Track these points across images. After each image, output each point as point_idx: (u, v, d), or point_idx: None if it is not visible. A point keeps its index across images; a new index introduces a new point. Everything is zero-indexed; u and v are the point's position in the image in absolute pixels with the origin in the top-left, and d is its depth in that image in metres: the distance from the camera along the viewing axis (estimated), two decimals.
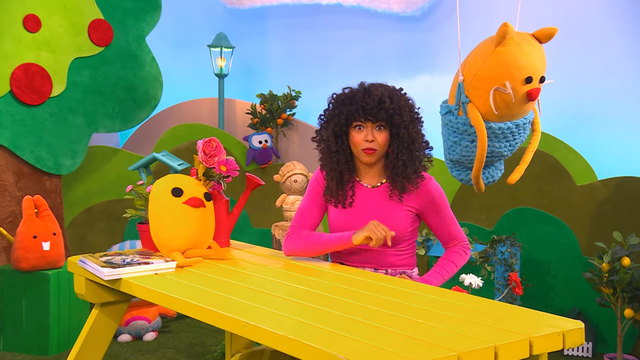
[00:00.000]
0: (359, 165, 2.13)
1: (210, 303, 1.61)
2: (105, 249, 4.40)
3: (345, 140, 2.09)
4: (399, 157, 2.04)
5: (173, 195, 2.13)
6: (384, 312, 1.53)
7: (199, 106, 5.27)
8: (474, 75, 2.07)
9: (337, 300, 1.64)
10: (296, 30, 5.24)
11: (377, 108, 2.02)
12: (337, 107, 2.08)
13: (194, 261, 2.06)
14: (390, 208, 2.08)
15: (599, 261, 3.23)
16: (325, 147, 2.11)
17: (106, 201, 4.63)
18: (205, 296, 1.69)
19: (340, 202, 2.12)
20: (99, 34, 4.24)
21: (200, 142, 2.22)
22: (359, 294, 1.70)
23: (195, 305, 1.61)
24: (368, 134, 2.04)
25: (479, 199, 3.92)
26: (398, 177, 2.05)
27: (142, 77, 4.48)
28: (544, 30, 2.07)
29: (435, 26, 4.61)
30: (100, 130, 4.36)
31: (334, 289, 1.74)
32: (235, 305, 1.60)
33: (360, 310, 1.55)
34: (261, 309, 1.56)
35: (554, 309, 3.71)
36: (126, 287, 1.89)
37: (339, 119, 2.06)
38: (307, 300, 1.63)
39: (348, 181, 2.11)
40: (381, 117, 2.02)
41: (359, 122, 2.04)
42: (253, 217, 4.73)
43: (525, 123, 2.18)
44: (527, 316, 1.51)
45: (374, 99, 2.02)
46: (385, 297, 1.67)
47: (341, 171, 2.09)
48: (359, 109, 2.02)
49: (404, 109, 2.04)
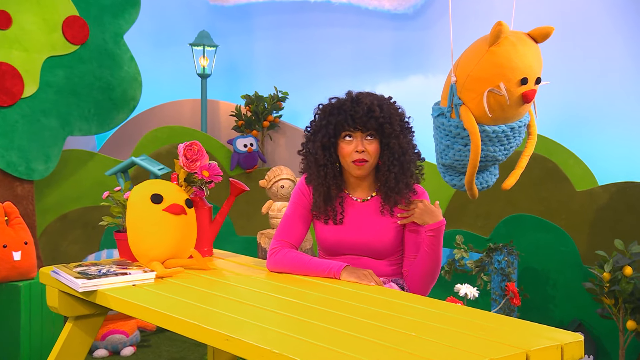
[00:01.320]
0: (348, 178, 2.14)
1: (191, 316, 1.60)
2: (80, 259, 4.37)
3: (333, 153, 2.09)
4: (391, 170, 2.05)
5: (152, 202, 2.13)
6: (374, 324, 1.53)
7: (181, 108, 5.26)
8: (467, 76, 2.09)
9: (325, 312, 1.64)
10: (283, 28, 5.25)
11: (367, 116, 2.03)
12: (324, 118, 2.08)
13: (175, 271, 2.06)
14: (381, 223, 2.10)
15: (600, 270, 3.26)
16: (312, 161, 2.10)
17: (81, 208, 4.60)
18: (186, 308, 1.69)
19: (330, 218, 2.12)
20: (74, 31, 4.22)
21: (182, 146, 2.22)
22: (347, 306, 1.70)
23: (175, 318, 1.61)
24: (358, 144, 2.05)
25: (474, 206, 3.94)
26: (391, 193, 2.06)
27: (120, 77, 4.46)
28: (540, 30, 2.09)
29: (429, 24, 4.64)
30: (76, 133, 4.34)
31: (321, 301, 1.75)
32: (217, 318, 1.60)
33: (349, 322, 1.55)
34: (245, 321, 1.56)
35: (553, 320, 3.73)
36: (102, 299, 1.88)
37: (327, 130, 2.06)
38: (294, 312, 1.63)
39: (336, 196, 2.12)
40: (371, 126, 2.03)
41: (348, 132, 2.05)
42: (237, 225, 4.72)
43: (521, 126, 2.20)
44: (525, 328, 1.53)
45: (363, 107, 2.03)
46: (375, 309, 1.67)
47: (329, 186, 2.09)
48: (347, 118, 2.03)
49: (394, 117, 2.06)
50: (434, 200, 2.14)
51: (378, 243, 2.09)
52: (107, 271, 1.98)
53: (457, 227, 3.98)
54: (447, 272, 3.68)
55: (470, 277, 3.66)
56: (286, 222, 2.15)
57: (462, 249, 3.65)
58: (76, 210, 4.61)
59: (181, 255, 2.16)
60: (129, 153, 4.93)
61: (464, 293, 3.02)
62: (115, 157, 4.89)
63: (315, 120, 2.12)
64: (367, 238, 2.09)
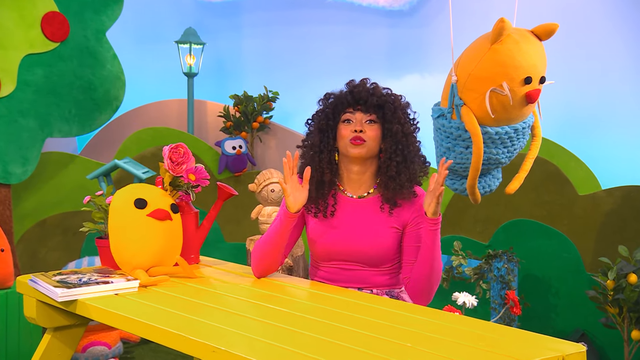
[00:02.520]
0: (344, 172, 2.11)
1: (176, 326, 1.60)
2: (59, 267, 4.35)
3: (331, 139, 2.09)
4: (392, 158, 2.03)
5: (136, 207, 2.12)
6: (368, 334, 1.53)
7: (166, 108, 5.25)
8: (469, 76, 2.09)
9: (317, 322, 1.64)
10: (273, 25, 5.25)
11: (368, 93, 2.05)
12: (324, 103, 2.13)
13: (159, 280, 2.05)
14: (376, 222, 2.05)
15: (604, 278, 3.27)
16: (308, 146, 2.11)
17: (61, 213, 4.58)
18: (171, 319, 1.68)
19: (320, 210, 2.09)
20: (54, 28, 4.21)
21: (167, 148, 2.21)
22: (340, 315, 1.70)
23: (160, 329, 1.60)
24: (357, 124, 2.05)
25: (473, 210, 3.95)
26: (391, 183, 2.02)
27: (102, 76, 4.45)
28: (544, 27, 2.10)
29: (426, 21, 4.65)
30: (55, 134, 4.32)
31: (313, 310, 1.74)
32: (204, 329, 1.59)
33: (342, 333, 1.55)
34: (233, 332, 1.56)
35: (555, 330, 3.74)
36: (83, 309, 1.87)
37: (325, 113, 2.09)
38: (284, 322, 1.62)
39: (330, 185, 2.10)
40: (371, 104, 2.04)
41: (348, 112, 2.06)
42: (226, 231, 4.71)
43: (525, 127, 2.20)
44: (525, 339, 1.53)
45: (364, 86, 2.07)
46: (370, 318, 1.67)
47: (322, 171, 2.07)
48: (347, 95, 2.06)
49: (397, 103, 2.07)
50: None
51: (374, 248, 2.03)
52: (88, 280, 1.97)
53: (455, 232, 3.99)
54: (444, 279, 3.68)
55: (468, 285, 3.66)
56: (272, 224, 2.12)
57: (460, 255, 3.65)
58: (56, 215, 4.58)
59: (166, 263, 2.15)
60: (111, 156, 4.91)
61: (462, 302, 3.02)
62: (97, 159, 4.87)
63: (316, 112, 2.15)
64: (362, 240, 2.04)
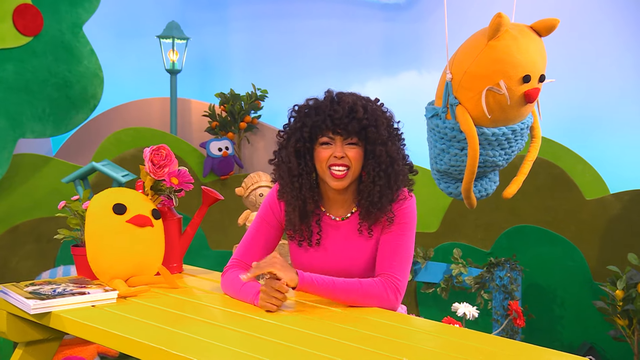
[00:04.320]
0: (325, 192, 2.07)
1: (157, 340, 1.60)
2: (32, 276, 4.34)
3: (309, 161, 2.01)
4: (376, 182, 1.97)
5: (115, 213, 2.13)
6: (359, 347, 1.54)
7: (147, 107, 5.25)
8: (464, 73, 2.11)
9: (306, 334, 1.65)
10: (262, 20, 5.26)
11: (348, 118, 1.94)
12: (299, 120, 2.00)
13: (139, 290, 2.05)
14: (360, 244, 2.03)
15: (612, 287, 3.29)
16: (285, 170, 2.02)
17: (35, 219, 4.57)
18: (151, 332, 1.69)
19: (305, 239, 2.07)
20: (26, 21, 4.20)
21: (148, 150, 2.22)
22: (330, 327, 1.71)
23: (139, 342, 1.61)
24: (337, 149, 1.97)
25: (473, 216, 3.97)
26: (372, 208, 1.98)
27: (78, 73, 4.45)
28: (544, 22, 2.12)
29: (422, 16, 4.68)
30: (28, 135, 4.31)
31: (301, 322, 1.75)
32: (187, 342, 1.60)
33: (332, 346, 1.56)
34: (217, 346, 1.56)
35: (561, 343, 3.76)
36: (57, 322, 1.87)
37: (302, 134, 1.98)
38: (271, 335, 1.64)
39: (313, 213, 2.05)
40: (353, 130, 1.94)
41: (327, 136, 1.97)
42: (211, 238, 4.71)
43: (523, 128, 2.22)
44: (529, 353, 1.54)
45: (344, 107, 1.94)
46: (362, 330, 1.68)
47: (304, 200, 2.01)
48: (326, 119, 1.95)
49: (380, 120, 1.97)
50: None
51: (360, 269, 2.03)
52: (62, 290, 1.97)
53: (455, 239, 4.00)
54: (443, 289, 3.70)
55: (469, 295, 3.68)
56: (246, 239, 2.10)
57: (460, 263, 3.67)
58: (28, 222, 4.57)
59: (147, 272, 2.16)
60: (88, 158, 4.90)
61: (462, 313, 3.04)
62: (73, 162, 4.86)
63: (289, 123, 2.04)
64: (348, 264, 2.03)
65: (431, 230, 4.06)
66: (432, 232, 4.05)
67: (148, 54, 5.22)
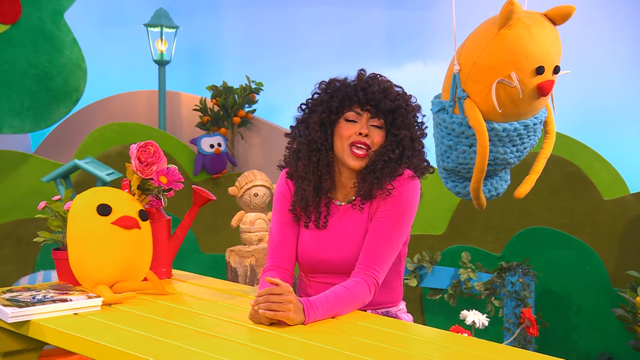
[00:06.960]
0: (336, 175, 2.11)
1: (145, 350, 1.60)
2: (10, 282, 4.34)
3: (330, 136, 2.07)
4: (385, 154, 2.01)
5: (99, 214, 2.13)
6: (362, 358, 1.54)
7: (134, 100, 5.25)
8: (473, 65, 2.11)
9: (307, 344, 1.65)
10: (256, 7, 5.26)
11: (382, 95, 2.01)
12: (327, 93, 2.07)
13: (125, 297, 2.05)
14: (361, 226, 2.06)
15: (632, 294, 3.29)
16: (304, 143, 2.07)
17: (12, 221, 4.57)
18: (139, 342, 1.69)
19: (311, 220, 2.10)
20: (4, 8, 4.20)
21: (135, 147, 2.22)
22: (331, 336, 1.71)
23: (126, 353, 1.61)
24: (363, 126, 2.02)
25: (483, 218, 3.98)
26: (369, 176, 2.01)
27: (60, 64, 4.45)
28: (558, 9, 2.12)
29: (429, 2, 4.68)
30: (5, 130, 4.31)
31: (299, 331, 1.76)
32: (176, 353, 1.60)
33: (332, 356, 1.56)
34: (208, 356, 1.57)
35: (577, 353, 3.76)
36: (37, 331, 1.87)
37: (329, 105, 2.04)
38: (267, 345, 1.64)
39: (327, 193, 2.09)
40: (384, 108, 2.01)
41: (354, 111, 2.03)
42: (202, 241, 4.71)
43: (536, 123, 2.23)
44: None
45: (378, 84, 2.03)
46: (366, 340, 1.69)
47: (321, 176, 2.06)
48: (358, 91, 2.02)
49: (410, 107, 2.04)
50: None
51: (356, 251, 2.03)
52: (43, 297, 1.97)
53: (463, 242, 4.01)
54: (451, 296, 3.71)
55: (478, 302, 3.68)
56: (274, 239, 2.11)
57: (469, 268, 3.67)
58: (6, 223, 4.57)
59: (133, 278, 2.16)
60: (70, 155, 4.90)
61: (471, 321, 3.04)
62: (54, 159, 4.87)
63: (312, 97, 2.10)
64: (349, 246, 2.05)
65: (438, 232, 4.06)
66: (439, 235, 4.06)
67: (134, 44, 5.23)
